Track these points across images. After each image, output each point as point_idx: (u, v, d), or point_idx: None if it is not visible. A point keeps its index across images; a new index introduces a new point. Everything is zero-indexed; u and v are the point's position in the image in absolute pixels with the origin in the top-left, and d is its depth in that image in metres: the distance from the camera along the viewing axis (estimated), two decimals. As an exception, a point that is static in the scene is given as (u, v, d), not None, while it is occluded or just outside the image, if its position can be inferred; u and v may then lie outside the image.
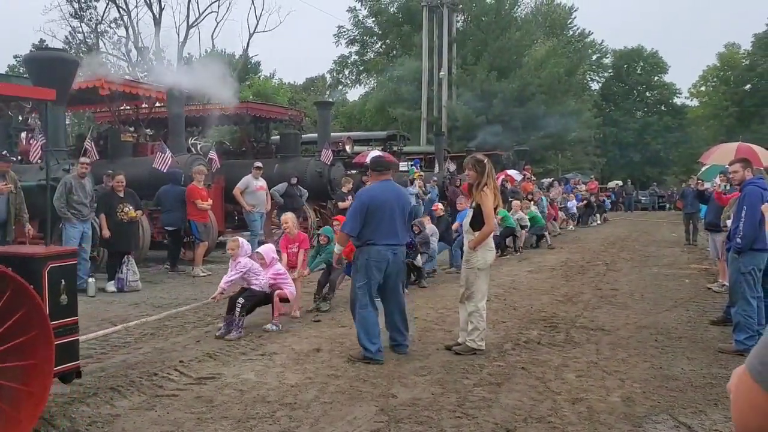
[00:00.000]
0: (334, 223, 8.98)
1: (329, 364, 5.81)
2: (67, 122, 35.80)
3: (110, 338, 6.85)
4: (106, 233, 9.56)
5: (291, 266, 8.19)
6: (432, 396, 4.94)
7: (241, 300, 6.86)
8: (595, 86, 55.34)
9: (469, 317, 6.12)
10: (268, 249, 7.59)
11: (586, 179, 32.75)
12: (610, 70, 55.61)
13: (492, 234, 6.22)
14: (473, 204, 6.13)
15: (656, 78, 55.20)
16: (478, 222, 6.04)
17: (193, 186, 11.08)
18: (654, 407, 4.70)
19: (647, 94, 55.80)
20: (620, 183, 41.74)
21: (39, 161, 10.61)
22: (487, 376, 5.50)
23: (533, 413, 4.57)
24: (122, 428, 4.28)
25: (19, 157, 11.68)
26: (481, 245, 6.03)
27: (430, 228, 10.60)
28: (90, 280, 9.43)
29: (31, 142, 10.82)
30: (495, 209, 6.09)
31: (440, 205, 11.41)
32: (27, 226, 8.49)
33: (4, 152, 8.31)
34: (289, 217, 8.43)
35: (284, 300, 7.37)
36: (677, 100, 55.84)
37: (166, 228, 11.39)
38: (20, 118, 11.72)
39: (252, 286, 7.08)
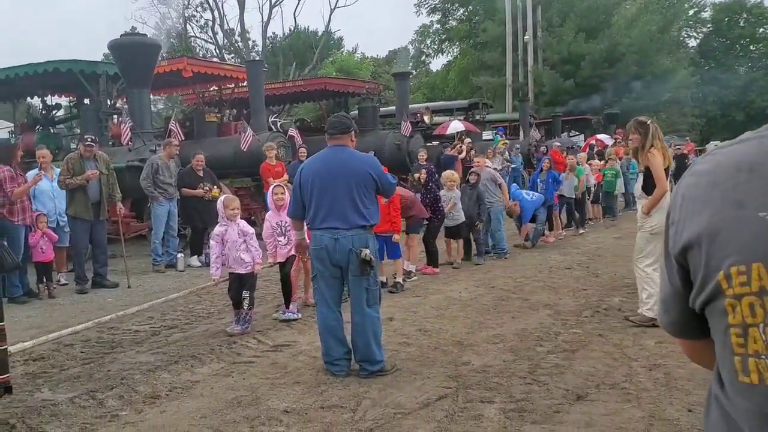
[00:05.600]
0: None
1: (401, 333, 5.85)
2: (161, 106, 37.37)
3: (195, 309, 7.16)
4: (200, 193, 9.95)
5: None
6: (503, 363, 4.89)
7: (246, 293, 6.06)
8: (692, 43, 52.28)
9: (640, 282, 5.87)
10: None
11: (681, 141, 31.22)
12: (709, 25, 52.33)
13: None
14: (643, 167, 5.86)
15: (762, 30, 51.50)
16: (649, 185, 5.78)
17: (266, 164, 11.25)
18: (737, 374, 4.45)
19: (751, 47, 52.21)
20: (717, 143, 39.42)
21: (129, 143, 11.14)
22: (562, 343, 5.39)
23: (606, 380, 4.44)
24: (200, 393, 4.47)
25: (111, 142, 12.29)
26: (655, 208, 5.71)
27: (455, 196, 9.28)
28: (179, 255, 9.89)
29: (121, 125, 11.33)
30: (666, 170, 5.77)
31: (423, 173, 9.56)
32: (119, 205, 8.91)
33: (87, 138, 8.70)
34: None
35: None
36: (787, 52, 51.99)
37: None
38: (109, 102, 12.27)
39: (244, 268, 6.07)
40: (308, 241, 5.17)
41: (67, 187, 8.30)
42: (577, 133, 30.10)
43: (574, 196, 12.54)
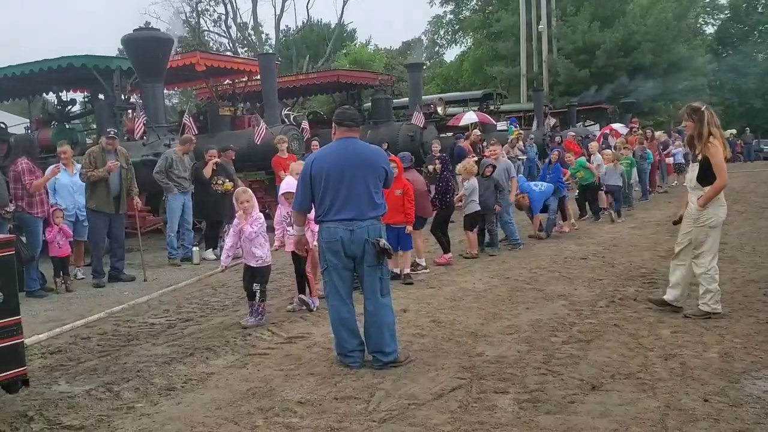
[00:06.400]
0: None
1: (415, 324, 5.84)
2: (175, 100, 37.48)
3: (210, 302, 7.20)
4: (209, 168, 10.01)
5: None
6: (518, 354, 4.87)
7: (257, 285, 6.13)
8: (709, 30, 51.54)
9: (698, 279, 5.68)
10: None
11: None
12: (726, 11, 51.58)
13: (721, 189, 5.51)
14: (699, 157, 5.58)
15: (780, 16, 50.65)
16: (705, 176, 5.53)
17: (277, 157, 11.21)
18: (755, 363, 4.41)
19: (771, 33, 51.38)
20: (734, 132, 38.82)
21: (144, 137, 11.19)
22: (577, 333, 5.36)
23: (622, 369, 4.42)
24: (215, 385, 4.50)
25: (126, 137, 12.34)
26: (712, 201, 5.54)
27: (471, 185, 9.29)
28: (194, 249, 9.94)
29: (135, 120, 11.39)
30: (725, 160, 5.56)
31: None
32: (136, 199, 8.98)
33: (109, 130, 8.80)
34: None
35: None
36: (807, 38, 51.06)
37: None
38: (123, 97, 12.32)
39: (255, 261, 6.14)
40: (307, 237, 5.20)
41: (89, 179, 8.38)
42: (592, 122, 29.82)
43: (620, 185, 12.73)
